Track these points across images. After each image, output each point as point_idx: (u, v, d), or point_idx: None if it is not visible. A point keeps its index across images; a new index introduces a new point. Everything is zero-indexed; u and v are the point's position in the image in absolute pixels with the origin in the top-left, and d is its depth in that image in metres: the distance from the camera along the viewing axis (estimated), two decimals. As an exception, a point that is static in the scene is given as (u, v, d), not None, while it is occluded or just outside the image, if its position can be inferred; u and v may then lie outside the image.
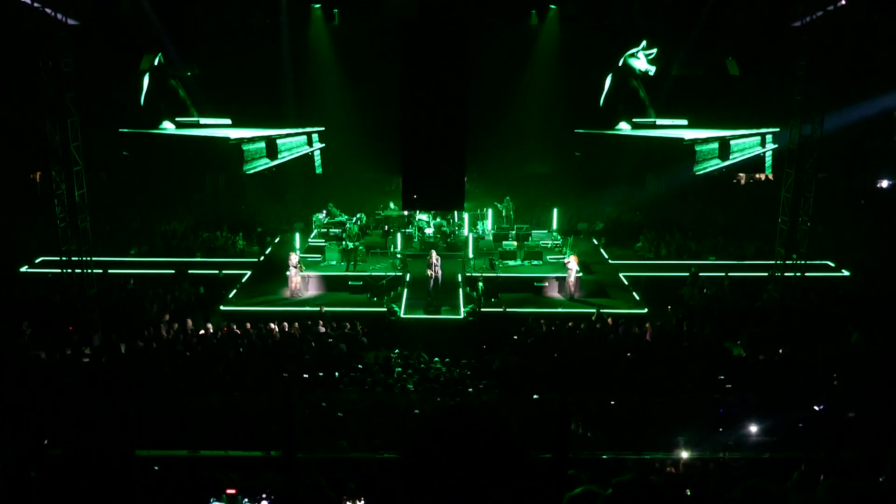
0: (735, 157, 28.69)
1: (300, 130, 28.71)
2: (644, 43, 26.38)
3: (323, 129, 28.51)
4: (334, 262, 23.55)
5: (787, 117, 20.37)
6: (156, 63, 26.14)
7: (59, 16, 18.01)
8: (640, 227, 28.60)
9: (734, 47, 24.95)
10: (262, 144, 28.23)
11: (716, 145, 28.14)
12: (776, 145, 27.35)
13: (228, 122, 27.67)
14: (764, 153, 28.46)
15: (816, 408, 12.73)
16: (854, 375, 16.12)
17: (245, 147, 27.67)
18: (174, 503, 3.93)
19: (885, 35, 25.49)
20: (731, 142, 28.28)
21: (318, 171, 29.07)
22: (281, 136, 28.50)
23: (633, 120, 27.86)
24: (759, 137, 28.26)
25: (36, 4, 18.17)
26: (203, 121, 27.63)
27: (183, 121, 27.59)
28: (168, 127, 27.61)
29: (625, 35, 26.68)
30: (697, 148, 27.82)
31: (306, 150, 28.94)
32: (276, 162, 28.50)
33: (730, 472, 9.80)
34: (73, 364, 16.94)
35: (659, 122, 27.70)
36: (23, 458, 6.61)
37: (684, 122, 27.72)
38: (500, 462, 1.76)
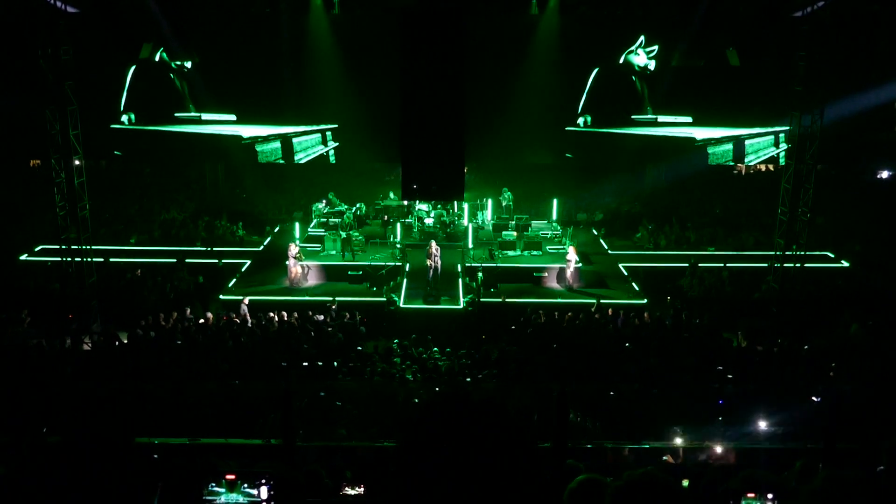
0: (750, 160, 28.31)
1: (315, 128, 28.07)
2: (642, 38, 26.19)
3: (336, 125, 27.87)
4: (334, 252, 23.56)
5: (787, 108, 20.35)
6: (157, 57, 25.97)
7: (59, 4, 17.94)
8: (640, 217, 28.60)
9: (734, 38, 24.87)
10: (278, 144, 27.65)
11: (730, 147, 27.72)
12: (789, 145, 27.03)
13: (233, 117, 27.14)
14: (778, 154, 27.81)
15: (815, 398, 12.76)
16: (853, 366, 16.16)
17: (259, 148, 27.31)
18: (172, 488, 3.94)
19: (886, 25, 25.41)
20: (746, 142, 27.86)
21: (332, 160, 28.48)
22: (297, 135, 28.01)
23: (633, 117, 27.55)
24: (772, 137, 27.77)
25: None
26: (205, 116, 27.06)
27: (183, 116, 27.10)
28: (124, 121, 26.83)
29: (625, 24, 26.55)
30: (710, 150, 27.56)
31: (322, 149, 28.26)
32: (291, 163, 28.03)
33: (728, 463, 9.82)
34: (73, 352, 16.97)
35: (661, 118, 27.33)
36: (21, 446, 6.62)
37: (688, 118, 27.38)
38: (499, 447, 1.75)
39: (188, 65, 26.36)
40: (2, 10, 23.67)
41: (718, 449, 10.09)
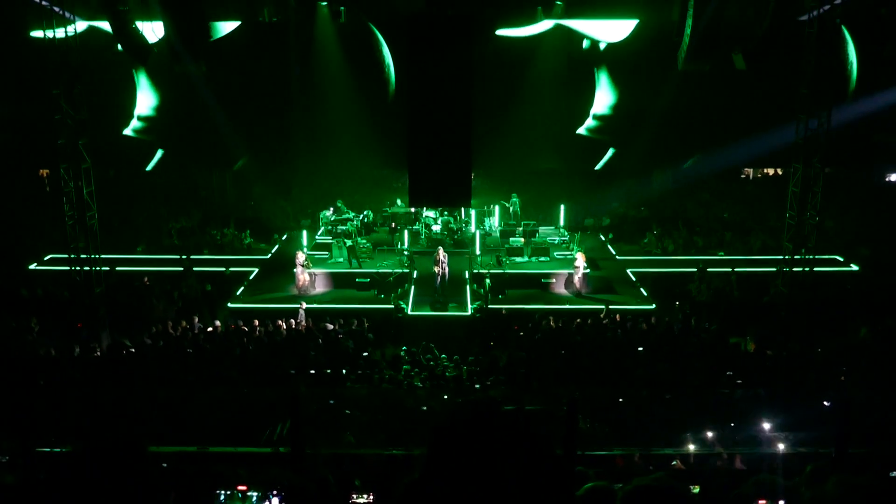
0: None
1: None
2: None
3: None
4: (341, 260, 23.57)
5: (794, 111, 20.29)
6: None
7: (68, 14, 18.05)
8: (647, 222, 28.55)
9: (741, 41, 24.78)
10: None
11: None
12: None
13: None
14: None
15: (825, 403, 12.69)
16: (863, 371, 16.07)
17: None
18: (184, 497, 3.94)
19: (893, 28, 25.37)
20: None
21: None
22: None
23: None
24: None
25: (44, 3, 18.20)
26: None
27: None
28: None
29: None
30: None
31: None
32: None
33: (738, 468, 9.78)
34: (82, 360, 17.03)
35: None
36: (31, 455, 6.64)
37: None
38: (525, 455, 1.76)
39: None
40: (12, 21, 23.84)
41: (728, 454, 10.05)
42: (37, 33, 18.98)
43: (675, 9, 24.24)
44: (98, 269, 19.34)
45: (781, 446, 10.29)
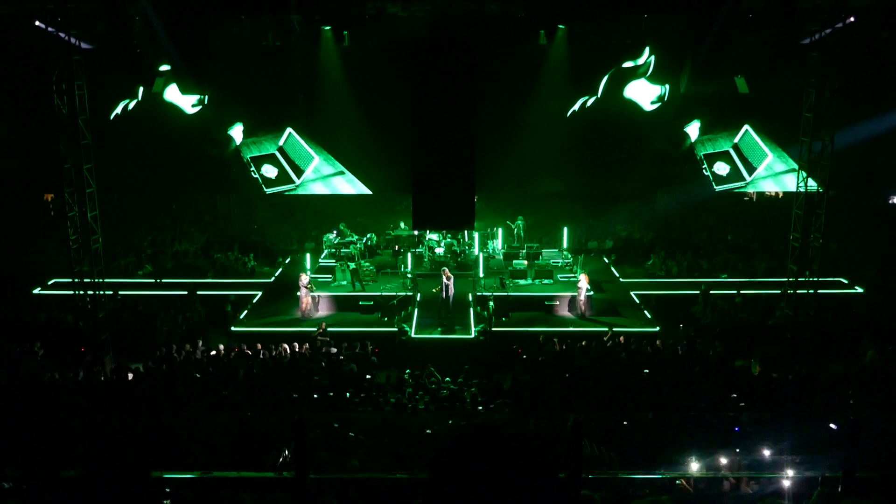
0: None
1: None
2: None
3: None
4: (344, 283, 23.57)
5: (797, 134, 20.34)
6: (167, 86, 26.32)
7: (73, 40, 18.21)
8: (651, 244, 28.53)
9: (744, 65, 24.92)
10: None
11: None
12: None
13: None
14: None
15: (833, 426, 12.60)
16: (871, 393, 15.97)
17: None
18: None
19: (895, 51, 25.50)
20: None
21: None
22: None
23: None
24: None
25: (50, 29, 18.39)
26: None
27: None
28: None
29: (633, 53, 26.74)
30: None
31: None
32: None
33: (745, 491, 9.70)
34: (86, 385, 16.99)
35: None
36: (35, 480, 6.61)
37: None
38: (527, 481, 1.75)
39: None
40: (17, 46, 24.06)
41: (735, 478, 9.97)
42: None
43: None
44: (102, 292, 19.36)
45: (789, 471, 10.21)
